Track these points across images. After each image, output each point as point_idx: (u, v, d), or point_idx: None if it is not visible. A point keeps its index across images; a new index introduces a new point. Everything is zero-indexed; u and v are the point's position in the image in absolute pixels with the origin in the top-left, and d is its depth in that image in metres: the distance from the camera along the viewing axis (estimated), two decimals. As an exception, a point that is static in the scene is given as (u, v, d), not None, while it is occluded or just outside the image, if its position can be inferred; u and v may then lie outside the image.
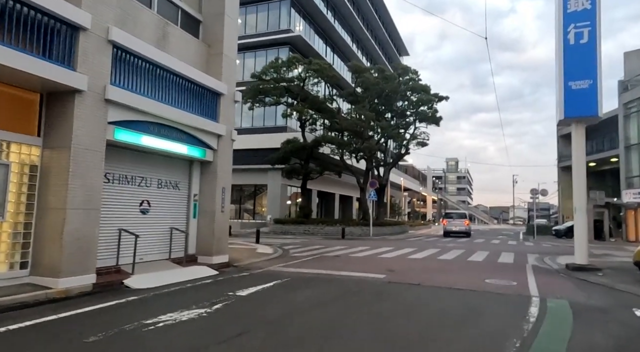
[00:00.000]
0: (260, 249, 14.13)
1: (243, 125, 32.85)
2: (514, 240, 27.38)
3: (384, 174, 30.96)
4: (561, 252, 17.26)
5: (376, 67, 27.69)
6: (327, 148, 26.71)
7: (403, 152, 28.88)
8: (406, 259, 12.60)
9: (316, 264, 10.73)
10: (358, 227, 24.55)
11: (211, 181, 9.73)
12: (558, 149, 43.13)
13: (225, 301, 6.10)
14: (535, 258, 14.18)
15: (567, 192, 41.28)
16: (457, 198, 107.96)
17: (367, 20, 46.99)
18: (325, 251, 14.68)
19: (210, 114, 9.70)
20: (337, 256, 12.84)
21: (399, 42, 59.13)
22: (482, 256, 14.08)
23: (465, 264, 11.67)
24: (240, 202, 33.37)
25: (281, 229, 24.34)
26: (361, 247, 16.18)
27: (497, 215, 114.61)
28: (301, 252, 14.11)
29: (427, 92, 25.98)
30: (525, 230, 42.22)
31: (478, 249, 17.02)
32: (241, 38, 32.88)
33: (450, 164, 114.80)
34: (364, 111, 23.90)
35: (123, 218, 7.91)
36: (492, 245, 20.92)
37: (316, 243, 18.02)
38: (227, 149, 10.11)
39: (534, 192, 28.33)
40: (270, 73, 24.04)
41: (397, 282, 8.23)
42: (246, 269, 9.60)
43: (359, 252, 14.23)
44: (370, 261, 12.01)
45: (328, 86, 26.32)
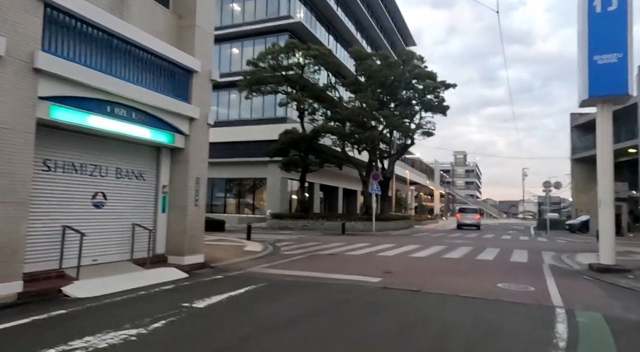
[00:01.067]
0: (249, 247, 12.96)
1: (242, 116, 31.73)
2: (525, 235, 25.96)
3: (388, 167, 29.62)
4: (579, 249, 15.88)
5: (379, 53, 26.24)
6: (328, 139, 25.42)
7: (408, 143, 27.46)
8: (407, 258, 11.33)
9: (305, 265, 9.52)
10: (360, 222, 23.28)
11: (183, 171, 8.53)
12: (572, 140, 41.37)
13: (173, 316, 4.90)
14: (552, 256, 12.84)
15: (581, 185, 39.57)
16: (466, 192, 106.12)
17: (371, 7, 45.34)
18: (320, 248, 13.47)
19: (181, 94, 8.48)
20: (332, 254, 11.61)
21: (406, 32, 57.27)
22: (492, 254, 12.77)
23: (474, 264, 10.37)
24: (239, 196, 32.29)
25: (279, 225, 23.17)
26: (360, 244, 14.94)
27: (506, 209, 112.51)
28: (294, 249, 12.92)
29: (433, 79, 24.50)
30: (537, 225, 40.61)
31: (488, 246, 15.69)
32: (239, 25, 31.65)
33: (459, 157, 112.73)
34: (366, 99, 22.52)
35: (69, 213, 6.74)
36: (503, 241, 19.55)
37: (313, 239, 16.82)
38: (201, 135, 8.89)
39: (547, 185, 26.80)
40: (267, 60, 22.73)
41: (394, 288, 6.98)
42: (223, 271, 8.41)
43: (357, 250, 12.99)
44: (368, 260, 10.76)
45: (329, 74, 24.95)
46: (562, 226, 33.92)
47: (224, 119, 32.14)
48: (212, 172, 32.52)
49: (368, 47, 39.32)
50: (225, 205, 32.26)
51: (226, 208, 32.03)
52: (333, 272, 8.42)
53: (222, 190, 32.85)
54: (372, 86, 25.02)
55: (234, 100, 32.00)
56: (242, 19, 32.06)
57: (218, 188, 32.95)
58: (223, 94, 32.16)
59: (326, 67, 23.91)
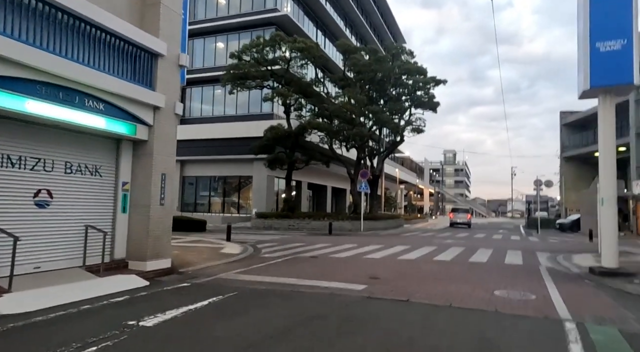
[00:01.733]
0: (226, 249, 12.07)
1: (227, 112, 30.74)
2: (516, 234, 25.45)
3: (377, 165, 28.91)
4: (574, 249, 15.31)
5: (368, 47, 25.44)
6: (316, 136, 24.60)
7: (397, 140, 26.74)
8: (396, 261, 10.56)
9: (284, 269, 8.69)
10: (348, 221, 22.51)
11: (146, 166, 7.63)
12: (561, 138, 41.12)
13: (111, 339, 4.03)
14: (547, 257, 12.20)
15: (570, 184, 39.31)
16: (455, 191, 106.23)
17: (361, 3, 44.59)
18: (303, 249, 12.65)
19: (143, 80, 7.57)
20: (314, 257, 10.79)
21: (395, 29, 56.63)
22: (486, 256, 12.07)
23: (467, 267, 9.63)
24: (224, 195, 31.30)
25: (264, 224, 22.28)
26: (347, 245, 14.15)
27: (495, 208, 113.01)
28: (275, 251, 12.07)
29: (423, 74, 23.81)
30: (526, 224, 40.33)
31: (480, 246, 15.02)
32: (224, 18, 30.62)
33: (448, 156, 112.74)
34: (354, 95, 21.73)
35: (3, 214, 5.81)
36: (495, 241, 18.94)
37: (298, 240, 15.99)
38: (168, 126, 7.99)
39: (538, 184, 26.32)
40: (251, 53, 21.81)
41: (379, 297, 6.18)
42: (191, 278, 7.54)
43: (342, 252, 12.19)
44: (353, 263, 9.97)
45: (316, 69, 24.09)
46: (552, 224, 33.59)
47: (208, 115, 31.17)
48: (196, 170, 31.70)
49: (357, 43, 38.46)
50: (210, 204, 31.26)
51: (211, 207, 31.03)
52: (313, 278, 7.60)
53: (206, 189, 31.84)
54: (361, 82, 24.26)
55: (218, 96, 30.99)
56: (227, 11, 31.06)
57: (202, 187, 31.93)
58: (207, 89, 31.16)
59: (313, 61, 23.07)
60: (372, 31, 43.51)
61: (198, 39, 31.38)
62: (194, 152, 30.33)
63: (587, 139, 36.19)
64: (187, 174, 31.39)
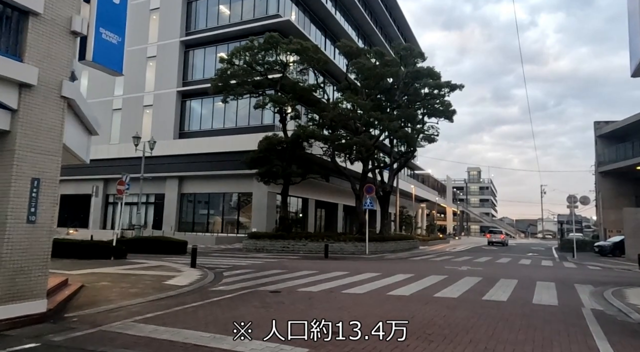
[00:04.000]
0: (177, 278, 9.70)
1: (227, 125, 28.90)
2: (548, 259, 22.09)
3: (389, 180, 26.21)
4: (622, 280, 12.21)
5: (374, 49, 23.16)
6: (318, 148, 22.30)
7: (408, 150, 24.07)
8: (382, 298, 7.90)
9: (215, 315, 6.24)
10: (351, 243, 19.83)
11: (4, 166, 5.41)
12: (596, 151, 37.34)
13: None
14: (591, 293, 9.28)
15: (609, 202, 35.30)
16: (480, 210, 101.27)
17: (374, 14, 42.80)
18: (277, 279, 10.15)
19: (4, 46, 5.44)
20: (275, 293, 8.25)
21: (414, 43, 54.55)
22: (507, 290, 9.24)
23: (477, 311, 6.89)
24: (223, 213, 29.17)
25: (255, 246, 19.85)
26: (336, 273, 11.55)
27: (524, 228, 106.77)
28: (237, 282, 9.63)
29: (435, 77, 21.24)
30: (559, 246, 36.39)
31: (501, 275, 12.12)
32: (224, 27, 29.16)
33: (472, 174, 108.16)
34: (356, 100, 19.36)
35: None
36: (521, 268, 15.89)
37: (281, 266, 13.48)
38: (45, 111, 5.78)
39: (571, 200, 23.00)
40: (243, 57, 19.90)
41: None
42: (65, 330, 5.20)
43: (323, 283, 9.60)
44: (321, 301, 7.40)
45: (315, 73, 21.93)
46: (589, 247, 29.75)
47: (208, 128, 29.42)
48: (195, 187, 29.70)
49: (364, 45, 36.13)
50: (208, 223, 29.16)
51: (209, 227, 28.93)
52: (238, 333, 5.08)
53: (205, 207, 29.83)
54: (367, 87, 21.91)
55: (219, 108, 29.25)
56: (228, 20, 29.63)
57: (201, 204, 29.97)
58: (207, 101, 29.49)
59: (313, 65, 20.94)
60: (380, 33, 41.22)
61: (198, 49, 30.01)
62: (192, 167, 28.55)
63: (626, 152, 32.44)
64: (185, 191, 29.54)
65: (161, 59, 30.60)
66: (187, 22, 30.51)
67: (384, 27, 45.70)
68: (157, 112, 30.35)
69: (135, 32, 31.92)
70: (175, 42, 30.04)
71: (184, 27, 30.32)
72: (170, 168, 29.11)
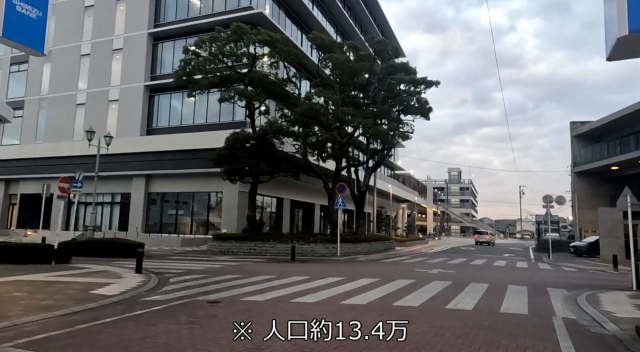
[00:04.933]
0: (110, 286, 8.63)
1: (197, 121, 27.70)
2: (524, 260, 21.66)
3: (364, 179, 25.45)
4: (597, 283, 11.67)
5: (348, 43, 22.31)
6: (291, 146, 21.35)
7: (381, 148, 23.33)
8: (334, 308, 7.01)
9: (119, 337, 5.24)
10: (322, 244, 18.95)
11: None
12: (572, 151, 37.41)
13: None
14: (564, 299, 8.62)
15: (584, 202, 35.33)
16: (461, 210, 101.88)
17: (354, 11, 42.07)
18: (225, 286, 9.18)
19: None
20: (214, 303, 7.28)
21: (395, 42, 54.05)
22: (475, 297, 8.48)
23: (436, 326, 6.05)
24: (192, 213, 27.94)
25: (221, 248, 18.77)
26: (295, 278, 10.64)
27: (503, 228, 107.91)
28: (179, 290, 8.62)
29: (409, 72, 20.52)
30: (536, 246, 36.30)
31: (473, 279, 11.40)
32: (194, 19, 27.92)
33: (453, 174, 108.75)
34: (327, 94, 18.49)
35: None
36: (495, 270, 15.28)
37: (239, 270, 12.51)
38: None
39: (547, 200, 22.63)
40: (209, 48, 18.81)
41: None
42: None
43: (272, 291, 8.66)
44: (259, 317, 6.46)
45: (286, 67, 20.97)
46: (565, 247, 29.58)
47: (177, 125, 28.12)
48: (163, 186, 28.26)
49: (340, 39, 35.13)
50: (177, 224, 27.89)
51: (177, 228, 27.66)
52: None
53: (174, 207, 28.53)
54: (340, 82, 21.07)
55: (188, 104, 28.02)
56: (198, 12, 28.42)
57: (170, 204, 28.64)
58: (176, 96, 28.20)
59: (283, 58, 19.98)
60: (360, 32, 40.38)
61: (167, 42, 28.72)
62: (161, 165, 27.23)
63: (602, 152, 32.49)
64: (153, 190, 28.21)
65: (128, 52, 29.16)
66: (155, 13, 29.17)
67: (363, 25, 44.97)
68: (124, 108, 28.92)
69: (102, 23, 30.48)
70: (142, 34, 28.66)
71: (152, 19, 28.97)
72: (137, 166, 27.75)
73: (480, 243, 42.45)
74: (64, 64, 31.11)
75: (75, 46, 30.92)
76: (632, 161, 28.56)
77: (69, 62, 30.93)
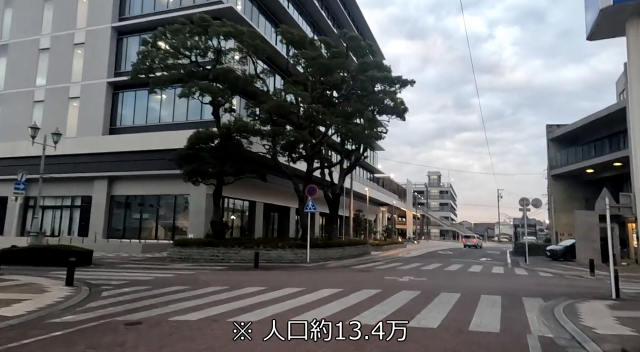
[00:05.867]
0: (21, 304, 7.39)
1: (163, 120, 26.31)
2: (500, 265, 21.02)
3: (339, 181, 24.52)
4: (574, 290, 10.92)
5: (320, 38, 21.38)
6: (261, 146, 20.24)
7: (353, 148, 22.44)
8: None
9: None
10: (290, 250, 17.87)
11: None
12: (548, 154, 37.37)
13: None
14: (540, 310, 7.80)
15: (560, 205, 35.23)
16: (440, 214, 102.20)
17: (331, 10, 41.29)
18: (162, 301, 8.02)
19: None
20: (134, 325, 6.12)
21: (373, 43, 53.46)
22: (443, 311, 7.55)
23: (393, 349, 5.08)
24: (157, 217, 26.46)
25: (180, 255, 17.48)
26: (249, 289, 9.54)
27: (481, 232, 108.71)
28: (105, 307, 7.42)
29: (383, 70, 19.71)
30: (513, 249, 36.01)
31: (444, 288, 10.51)
32: (161, 13, 26.56)
33: (433, 178, 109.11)
34: (296, 90, 17.49)
35: None
36: (469, 277, 14.49)
37: (192, 280, 11.32)
38: None
39: (524, 203, 22.13)
40: (170, 40, 17.59)
41: None
42: None
43: (214, 307, 7.55)
44: (181, 344, 5.35)
45: (254, 62, 19.83)
46: (542, 251, 29.24)
47: (142, 124, 26.64)
48: (127, 189, 26.55)
49: (314, 35, 34.24)
50: (141, 229, 26.35)
51: (141, 233, 26.11)
52: None
53: (138, 210, 26.99)
54: (311, 79, 20.11)
55: (154, 102, 26.62)
56: (166, 6, 27.09)
57: (134, 208, 27.08)
58: (141, 94, 26.66)
59: (251, 53, 18.89)
60: (336, 28, 39.37)
61: (133, 36, 27.23)
62: (124, 167, 25.69)
63: (577, 155, 32.45)
64: (116, 193, 26.61)
65: (90, 47, 27.57)
66: (120, 6, 27.70)
67: (342, 25, 44.19)
68: (85, 105, 27.29)
69: (62, 15, 28.78)
70: (106, 28, 27.15)
71: (116, 12, 27.49)
72: (98, 167, 26.16)
73: (469, 246, 45.45)
74: (21, 58, 29.28)
75: (33, 40, 29.13)
76: (607, 164, 28.47)
77: (26, 57, 29.13)
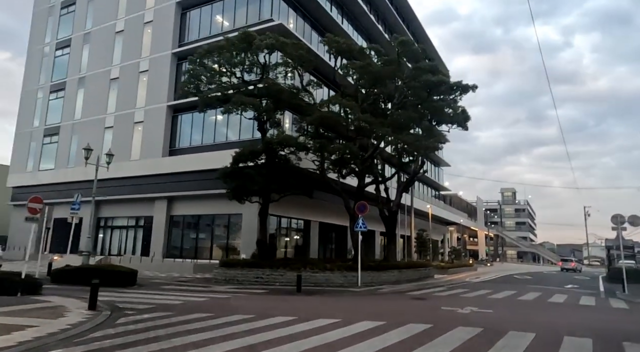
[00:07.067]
0: (29, 330, 6.86)
1: (217, 139, 26.55)
2: (590, 294, 17.70)
3: (396, 197, 22.79)
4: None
5: (370, 46, 20.20)
6: (310, 162, 19.37)
7: (411, 160, 20.64)
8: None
9: None
10: (339, 272, 16.46)
11: None
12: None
13: None
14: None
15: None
16: (517, 234, 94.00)
17: (386, 21, 40.21)
18: (174, 331, 7.13)
19: None
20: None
21: (434, 56, 51.23)
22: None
23: None
24: (212, 237, 26.43)
25: (225, 276, 16.81)
26: (276, 319, 8.37)
27: (567, 254, 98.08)
28: (109, 337, 6.68)
29: (437, 73, 17.95)
30: (607, 275, 31.15)
31: (514, 325, 8.44)
32: (216, 36, 27.09)
33: (507, 195, 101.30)
34: (343, 101, 16.39)
35: None
36: (550, 309, 11.97)
37: (223, 306, 10.43)
38: None
39: (617, 220, 18.72)
40: (212, 57, 17.52)
41: None
42: None
43: (225, 342, 6.46)
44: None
45: (300, 75, 19.11)
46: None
47: (198, 144, 27.13)
48: (184, 209, 27.09)
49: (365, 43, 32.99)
50: (197, 248, 26.47)
51: (197, 252, 26.21)
52: None
53: (194, 230, 27.24)
54: (361, 89, 18.94)
55: (209, 122, 27.06)
56: (220, 29, 27.74)
57: (190, 227, 27.39)
58: (198, 115, 27.26)
59: (299, 64, 18.21)
60: (388, 35, 37.80)
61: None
62: (182, 187, 26.22)
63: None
64: (174, 212, 27.17)
65: (153, 73, 28.97)
66: (180, 33, 28.93)
67: (395, 32, 42.88)
68: (148, 129, 28.51)
69: (130, 46, 30.74)
70: (167, 55, 28.38)
71: (176, 39, 28.71)
72: (159, 188, 26.96)
73: (567, 270, 42.62)
74: (95, 88, 31.62)
75: (105, 71, 31.36)
76: None
77: (100, 87, 31.38)
